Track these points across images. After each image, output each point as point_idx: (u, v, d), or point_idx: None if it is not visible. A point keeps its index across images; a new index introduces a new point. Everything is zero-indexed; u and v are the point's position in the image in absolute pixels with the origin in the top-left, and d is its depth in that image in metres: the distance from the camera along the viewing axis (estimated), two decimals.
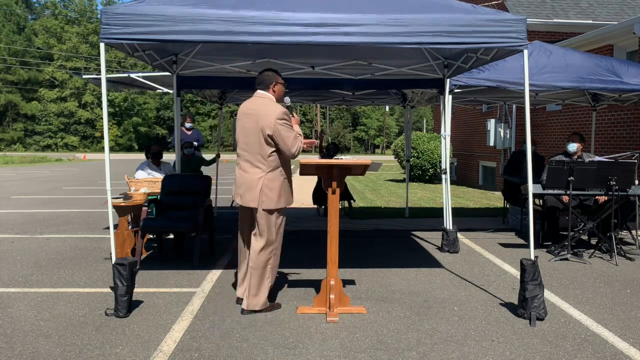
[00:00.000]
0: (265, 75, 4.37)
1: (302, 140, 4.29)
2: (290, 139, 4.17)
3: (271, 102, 4.29)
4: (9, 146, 54.30)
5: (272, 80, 4.36)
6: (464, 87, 6.87)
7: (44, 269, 5.67)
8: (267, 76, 4.37)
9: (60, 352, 3.47)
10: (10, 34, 57.66)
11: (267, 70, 4.42)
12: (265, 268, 4.32)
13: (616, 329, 3.98)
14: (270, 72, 4.40)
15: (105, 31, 4.05)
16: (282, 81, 4.44)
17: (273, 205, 4.23)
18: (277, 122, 4.15)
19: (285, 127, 4.17)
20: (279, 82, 4.39)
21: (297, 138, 4.23)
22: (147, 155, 7.38)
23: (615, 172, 6.13)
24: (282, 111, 4.20)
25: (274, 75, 4.38)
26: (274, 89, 4.38)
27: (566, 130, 12.44)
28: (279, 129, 4.15)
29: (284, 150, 4.20)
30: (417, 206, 11.21)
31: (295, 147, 4.20)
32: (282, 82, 4.44)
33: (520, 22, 4.26)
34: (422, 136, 17.86)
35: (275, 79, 4.37)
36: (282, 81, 4.43)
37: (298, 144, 4.22)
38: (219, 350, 3.52)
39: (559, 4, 14.24)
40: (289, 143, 4.17)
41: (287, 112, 4.25)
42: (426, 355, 3.48)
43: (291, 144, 4.18)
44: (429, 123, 63.29)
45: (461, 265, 5.97)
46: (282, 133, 4.16)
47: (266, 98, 4.33)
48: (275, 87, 4.38)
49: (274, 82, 4.36)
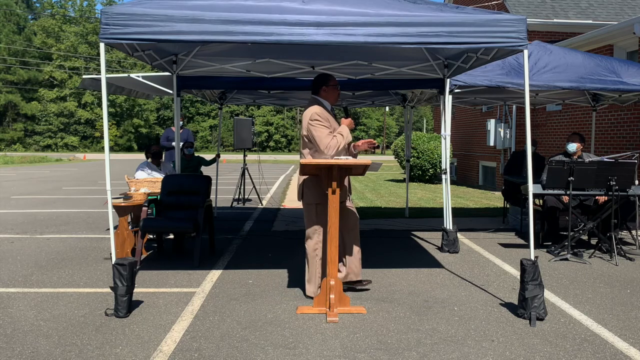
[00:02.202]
0: (314, 80, 4.64)
1: (339, 139, 4.37)
2: (321, 138, 4.34)
3: (310, 104, 4.53)
4: (9, 146, 54.26)
5: (319, 84, 4.59)
6: (464, 87, 6.86)
7: (44, 269, 5.67)
8: (315, 81, 4.62)
9: (60, 352, 3.47)
10: (10, 34, 57.61)
11: (319, 75, 4.66)
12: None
13: (616, 329, 3.98)
14: (320, 77, 4.63)
15: (105, 31, 4.05)
16: (334, 83, 4.60)
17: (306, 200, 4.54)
18: (310, 123, 4.36)
19: (316, 127, 4.35)
20: (329, 84, 4.58)
21: (329, 136, 4.35)
22: (147, 155, 7.38)
23: (615, 172, 6.13)
24: (314, 112, 4.38)
25: (323, 79, 4.60)
26: (324, 92, 4.59)
27: (566, 130, 12.44)
28: (310, 129, 4.36)
29: (318, 149, 4.39)
30: (417, 206, 11.21)
31: (326, 146, 4.32)
32: (333, 84, 4.60)
33: (521, 22, 4.26)
34: (422, 136, 17.86)
35: (323, 83, 4.59)
36: (333, 83, 4.59)
37: (331, 142, 4.33)
38: (219, 350, 3.52)
39: (559, 4, 14.24)
40: (319, 142, 4.35)
41: (320, 113, 4.40)
42: (426, 355, 3.48)
43: (322, 142, 4.33)
44: (429, 123, 63.30)
45: (461, 265, 5.97)
46: (313, 133, 4.36)
47: (311, 101, 4.58)
48: (325, 90, 4.59)
49: (322, 85, 4.59)
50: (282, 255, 6.41)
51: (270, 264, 5.97)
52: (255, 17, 4.08)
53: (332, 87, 4.59)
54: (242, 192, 11.52)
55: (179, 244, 6.51)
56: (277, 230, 8.20)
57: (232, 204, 11.21)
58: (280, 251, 6.65)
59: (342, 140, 4.39)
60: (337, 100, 4.69)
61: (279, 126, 61.48)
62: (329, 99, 4.61)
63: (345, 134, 4.44)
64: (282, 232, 8.03)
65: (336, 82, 4.65)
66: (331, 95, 4.60)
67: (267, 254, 6.45)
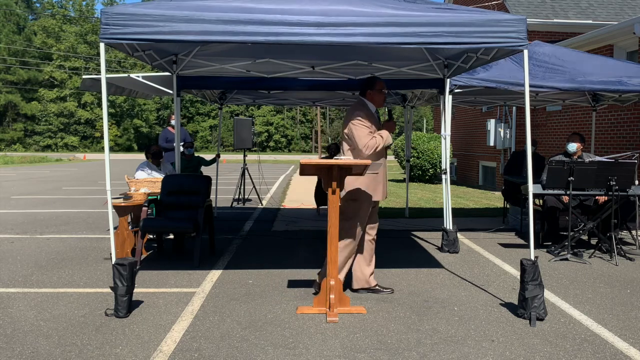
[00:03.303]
0: (363, 81, 4.77)
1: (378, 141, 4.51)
2: (361, 137, 4.49)
3: (355, 104, 4.68)
4: (9, 146, 54.23)
5: (366, 87, 4.72)
6: (464, 87, 6.86)
7: (44, 269, 5.67)
8: (363, 83, 4.76)
9: (60, 352, 3.47)
10: (10, 34, 57.60)
11: (368, 77, 4.78)
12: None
13: (616, 329, 3.98)
14: (368, 80, 4.74)
15: (105, 31, 4.05)
16: (379, 87, 4.70)
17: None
18: (352, 122, 4.53)
19: (357, 126, 4.50)
20: (374, 88, 4.69)
21: (368, 136, 4.49)
22: (147, 155, 7.38)
23: (615, 172, 6.13)
24: (357, 112, 4.55)
25: (370, 83, 4.72)
26: (369, 95, 4.71)
27: (566, 130, 12.44)
28: (351, 128, 4.53)
29: (356, 147, 4.53)
30: (417, 206, 11.21)
31: (364, 145, 4.47)
32: (379, 88, 4.70)
33: (521, 22, 4.26)
34: (422, 136, 17.86)
35: (369, 86, 4.71)
36: (379, 87, 4.70)
37: (369, 142, 4.47)
38: (219, 350, 3.52)
39: (559, 4, 14.24)
40: (358, 141, 4.50)
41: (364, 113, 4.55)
42: (426, 355, 3.48)
43: (361, 141, 4.48)
44: (429, 123, 63.26)
45: (461, 266, 5.97)
46: (353, 132, 4.52)
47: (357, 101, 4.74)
48: (370, 94, 4.71)
49: (368, 88, 4.71)
50: (282, 255, 6.41)
51: (270, 263, 5.97)
52: (256, 17, 4.08)
53: (377, 91, 4.71)
54: (242, 192, 11.52)
55: (179, 244, 6.51)
56: (277, 230, 8.20)
57: (232, 204, 11.20)
58: (280, 251, 6.65)
59: (381, 142, 4.55)
60: (382, 104, 4.80)
61: (279, 126, 61.49)
62: (374, 102, 4.73)
63: (385, 136, 4.59)
64: (282, 232, 8.03)
65: (383, 86, 4.74)
66: (376, 98, 4.72)
67: (267, 254, 6.45)
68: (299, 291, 4.89)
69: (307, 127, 63.54)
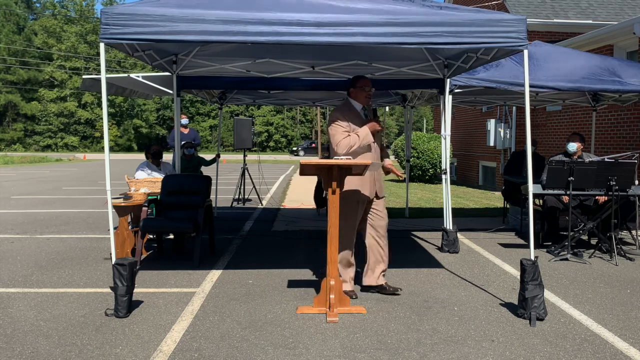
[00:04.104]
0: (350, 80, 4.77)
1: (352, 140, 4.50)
2: (334, 136, 4.53)
3: (340, 104, 4.73)
4: (9, 146, 54.24)
5: (350, 85, 4.74)
6: (464, 87, 6.86)
7: (44, 269, 5.67)
8: (349, 81, 4.77)
9: (60, 352, 3.47)
10: (10, 34, 57.60)
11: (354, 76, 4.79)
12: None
13: (616, 329, 3.98)
14: (353, 78, 4.76)
15: (105, 31, 4.05)
16: (361, 85, 4.69)
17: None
18: (329, 123, 4.59)
19: (332, 125, 4.55)
20: (356, 86, 4.70)
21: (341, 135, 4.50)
22: (147, 155, 7.38)
23: (615, 172, 6.13)
24: (336, 111, 4.60)
25: (353, 80, 4.73)
26: (352, 93, 4.73)
27: (566, 130, 12.44)
28: (329, 129, 4.59)
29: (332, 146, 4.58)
30: (417, 206, 11.21)
31: (336, 143, 4.50)
32: (360, 85, 4.69)
33: (521, 22, 4.26)
34: (422, 136, 17.86)
35: (352, 84, 4.73)
36: (360, 85, 4.69)
37: (342, 141, 4.48)
38: (219, 350, 3.52)
39: (559, 4, 14.24)
40: (332, 140, 4.55)
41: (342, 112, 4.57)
42: (426, 355, 3.48)
43: (333, 140, 4.53)
44: (429, 123, 63.28)
45: (461, 266, 5.97)
46: (329, 131, 4.58)
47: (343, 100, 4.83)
48: (353, 92, 4.73)
49: (351, 86, 4.73)
50: (282, 255, 6.41)
51: (270, 263, 5.97)
52: (256, 17, 4.08)
53: (359, 89, 4.70)
54: (242, 192, 11.52)
55: (179, 244, 6.51)
56: (277, 230, 8.20)
57: (232, 204, 11.20)
58: (280, 251, 6.65)
59: (357, 141, 4.51)
60: (368, 102, 4.77)
61: (279, 126, 61.48)
62: (358, 100, 4.73)
63: (362, 135, 4.54)
64: (282, 232, 8.03)
65: (365, 83, 4.71)
66: (359, 96, 4.71)
67: (267, 254, 6.45)
68: (299, 291, 4.89)
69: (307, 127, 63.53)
